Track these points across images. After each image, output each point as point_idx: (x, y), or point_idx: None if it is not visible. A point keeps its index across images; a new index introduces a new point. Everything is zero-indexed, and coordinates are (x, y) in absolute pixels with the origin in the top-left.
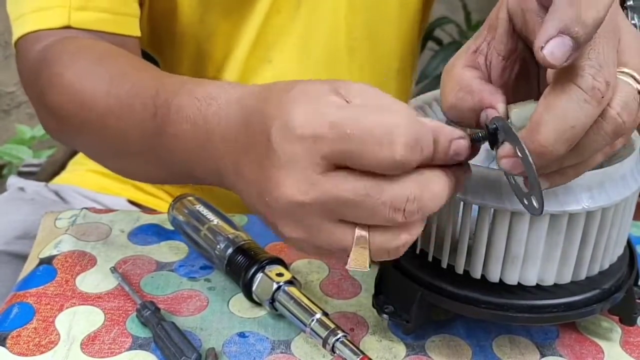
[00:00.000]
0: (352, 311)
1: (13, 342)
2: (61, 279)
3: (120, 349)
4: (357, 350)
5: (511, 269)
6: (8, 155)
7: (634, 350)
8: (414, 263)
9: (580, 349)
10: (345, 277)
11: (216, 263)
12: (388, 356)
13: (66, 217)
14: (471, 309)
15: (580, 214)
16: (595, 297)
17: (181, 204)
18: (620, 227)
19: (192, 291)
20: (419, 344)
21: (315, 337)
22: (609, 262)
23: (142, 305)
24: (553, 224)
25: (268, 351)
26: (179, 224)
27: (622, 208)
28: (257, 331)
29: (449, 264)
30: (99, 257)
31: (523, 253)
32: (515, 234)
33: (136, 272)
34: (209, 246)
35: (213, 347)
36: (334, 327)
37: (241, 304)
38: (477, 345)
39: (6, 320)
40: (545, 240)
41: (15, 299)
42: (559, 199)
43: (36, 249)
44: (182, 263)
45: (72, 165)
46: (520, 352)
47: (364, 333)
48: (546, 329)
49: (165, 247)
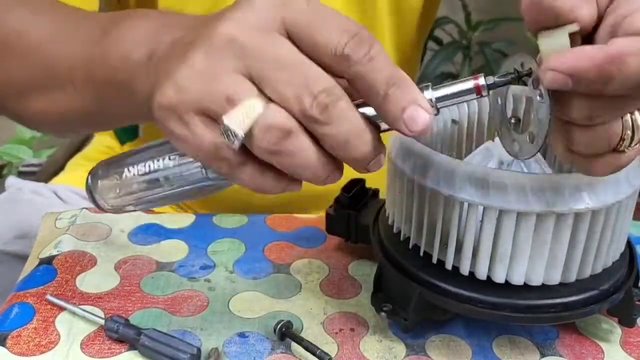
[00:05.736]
0: (352, 311)
1: (13, 342)
2: (61, 279)
3: (121, 349)
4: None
5: (513, 269)
6: (8, 155)
7: (634, 350)
8: (413, 262)
9: (580, 349)
10: (345, 277)
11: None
12: (388, 356)
13: (66, 217)
14: (469, 308)
15: (584, 213)
16: (593, 297)
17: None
18: (621, 227)
19: (192, 291)
20: (419, 344)
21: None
22: (609, 262)
23: (110, 320)
24: (558, 224)
25: (268, 351)
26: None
27: (625, 207)
28: (257, 331)
29: (449, 263)
30: (99, 257)
31: (528, 253)
32: (518, 234)
33: (136, 272)
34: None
35: (216, 347)
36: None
37: (241, 304)
38: (477, 345)
39: (6, 320)
40: (550, 240)
41: (15, 299)
42: (565, 198)
43: (36, 249)
44: (182, 263)
45: (71, 165)
46: (520, 352)
47: (364, 333)
48: (546, 329)
49: (165, 247)
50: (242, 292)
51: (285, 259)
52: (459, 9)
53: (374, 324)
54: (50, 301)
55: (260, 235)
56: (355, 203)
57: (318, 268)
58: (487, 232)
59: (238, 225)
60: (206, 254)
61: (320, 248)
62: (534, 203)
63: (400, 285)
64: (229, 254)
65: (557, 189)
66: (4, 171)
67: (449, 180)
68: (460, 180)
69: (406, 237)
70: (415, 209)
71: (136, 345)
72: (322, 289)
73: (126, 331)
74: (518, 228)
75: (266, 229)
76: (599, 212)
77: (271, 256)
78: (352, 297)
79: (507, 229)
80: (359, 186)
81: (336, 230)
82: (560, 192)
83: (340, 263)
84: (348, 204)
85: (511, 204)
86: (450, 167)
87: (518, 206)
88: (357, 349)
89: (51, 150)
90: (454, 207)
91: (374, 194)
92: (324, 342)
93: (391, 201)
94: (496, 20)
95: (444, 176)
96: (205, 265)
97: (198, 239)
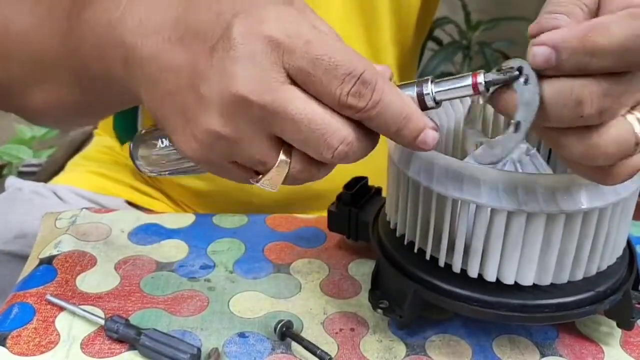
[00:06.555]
0: (352, 311)
1: (13, 342)
2: (61, 279)
3: (121, 349)
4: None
5: (506, 268)
6: (8, 155)
7: (634, 350)
8: (409, 259)
9: (580, 349)
10: (345, 277)
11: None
12: (388, 356)
13: (66, 217)
14: (464, 306)
15: (577, 213)
16: (589, 298)
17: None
18: (618, 229)
19: (192, 291)
20: (419, 344)
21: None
22: (607, 263)
23: (110, 320)
24: (550, 224)
25: (268, 351)
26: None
27: (620, 209)
28: (257, 331)
29: (445, 262)
30: (99, 257)
31: (519, 252)
32: (512, 233)
33: (136, 272)
34: None
35: (217, 346)
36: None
37: (241, 304)
38: (477, 345)
39: (6, 320)
40: (541, 239)
41: (15, 299)
42: (557, 198)
43: (36, 249)
44: (182, 263)
45: (71, 165)
46: (520, 352)
47: (364, 333)
48: (546, 328)
49: (165, 247)
50: (242, 292)
51: (285, 259)
52: (459, 9)
53: (374, 324)
54: (50, 301)
55: (260, 235)
56: (357, 200)
57: (318, 268)
58: (478, 230)
59: (238, 225)
60: (206, 254)
61: (320, 248)
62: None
63: (396, 282)
64: (229, 254)
65: (565, 188)
66: (4, 171)
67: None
68: (438, 173)
69: (402, 235)
70: (410, 205)
71: (136, 345)
72: (322, 289)
73: (126, 331)
74: (528, 228)
75: (266, 229)
76: (605, 210)
77: (271, 256)
78: (352, 297)
79: (516, 230)
80: (361, 184)
81: (337, 228)
82: (569, 191)
83: (340, 263)
84: (350, 201)
85: (502, 202)
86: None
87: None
88: (357, 349)
89: (51, 150)
90: (445, 204)
91: (377, 192)
92: (324, 342)
93: (389, 197)
94: (496, 20)
95: (425, 169)
96: (205, 265)
97: (198, 239)
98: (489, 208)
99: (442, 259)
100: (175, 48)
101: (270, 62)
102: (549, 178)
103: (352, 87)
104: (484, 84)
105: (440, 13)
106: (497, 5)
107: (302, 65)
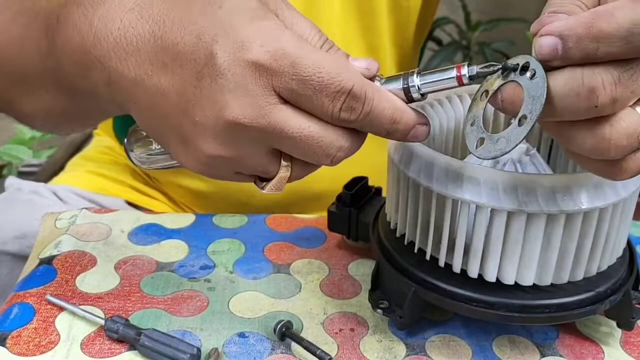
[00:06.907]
0: (352, 311)
1: (13, 342)
2: (61, 279)
3: (121, 350)
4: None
5: (506, 268)
6: (8, 155)
7: (634, 350)
8: (409, 259)
9: (580, 349)
10: (345, 277)
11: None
12: (388, 356)
13: (66, 218)
14: (464, 306)
15: (577, 214)
16: (589, 299)
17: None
18: (618, 229)
19: (192, 291)
20: (419, 344)
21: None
22: (607, 263)
23: (110, 320)
24: (550, 224)
25: (268, 351)
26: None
27: (620, 209)
28: (257, 331)
29: (445, 262)
30: (99, 257)
31: (519, 252)
32: (512, 233)
33: (136, 272)
34: None
35: (216, 347)
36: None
37: (241, 304)
38: (477, 345)
39: (6, 320)
40: (542, 240)
41: (15, 299)
42: (557, 198)
43: (36, 249)
44: (182, 263)
45: (70, 166)
46: (520, 352)
47: (364, 333)
48: (546, 329)
49: (165, 247)
50: (242, 292)
51: (285, 259)
52: (458, 9)
53: (374, 324)
54: (50, 301)
55: (260, 235)
56: (357, 201)
57: (318, 268)
58: (478, 230)
59: (238, 225)
60: (206, 254)
61: (320, 248)
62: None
63: (396, 282)
64: (229, 254)
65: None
66: (4, 171)
67: (430, 174)
68: (438, 173)
69: (402, 235)
70: (410, 205)
71: (136, 345)
72: (322, 289)
73: (126, 331)
74: (528, 228)
75: (266, 229)
76: (605, 210)
77: (271, 256)
78: (352, 297)
79: (498, 227)
80: (361, 184)
81: (338, 228)
82: (569, 191)
83: (340, 263)
84: (350, 202)
85: (502, 202)
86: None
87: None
88: (357, 349)
89: (51, 151)
90: (445, 203)
91: (377, 192)
92: (324, 342)
93: (389, 197)
94: (496, 20)
95: (425, 169)
96: (205, 266)
97: (198, 239)
98: (489, 208)
99: (442, 259)
100: (160, 72)
101: (261, 87)
102: (549, 178)
103: (344, 103)
104: (467, 76)
105: (440, 13)
106: (497, 5)
107: (292, 87)
